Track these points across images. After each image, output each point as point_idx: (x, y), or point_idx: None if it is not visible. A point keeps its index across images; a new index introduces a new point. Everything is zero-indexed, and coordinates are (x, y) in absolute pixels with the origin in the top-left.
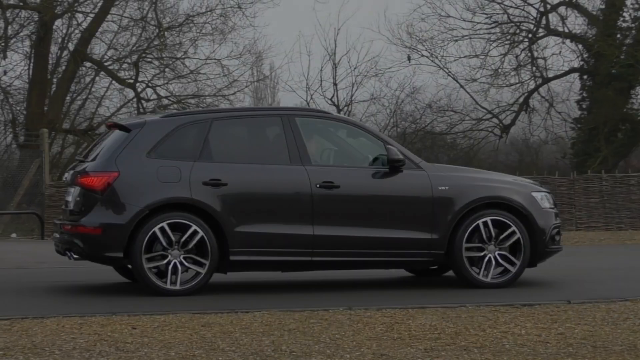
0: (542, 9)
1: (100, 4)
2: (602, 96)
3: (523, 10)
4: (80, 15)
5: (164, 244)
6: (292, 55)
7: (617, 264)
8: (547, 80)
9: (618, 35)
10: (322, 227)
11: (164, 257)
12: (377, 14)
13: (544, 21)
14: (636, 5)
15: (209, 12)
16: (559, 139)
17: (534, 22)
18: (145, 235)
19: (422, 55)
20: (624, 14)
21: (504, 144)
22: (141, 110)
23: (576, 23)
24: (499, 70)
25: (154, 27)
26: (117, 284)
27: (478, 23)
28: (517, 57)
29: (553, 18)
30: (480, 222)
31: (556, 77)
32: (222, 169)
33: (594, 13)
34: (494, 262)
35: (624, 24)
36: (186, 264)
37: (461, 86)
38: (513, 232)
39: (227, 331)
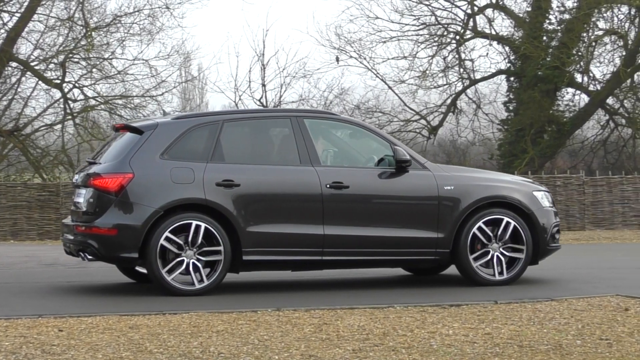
0: (469, 11)
1: (26, 4)
2: (528, 98)
3: (450, 12)
4: (6, 14)
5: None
6: (220, 56)
7: (542, 264)
8: (474, 82)
9: (544, 38)
10: (332, 227)
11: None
12: (305, 15)
13: (471, 23)
14: (562, 8)
15: (137, 13)
16: (486, 140)
17: (461, 24)
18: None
19: (351, 57)
20: (550, 16)
21: (432, 145)
22: (68, 111)
23: (503, 25)
24: (427, 72)
25: (81, 27)
26: (44, 286)
27: (406, 25)
28: (444, 58)
29: (480, 20)
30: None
31: (483, 78)
32: (234, 170)
33: (521, 15)
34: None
35: (550, 26)
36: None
37: (389, 87)
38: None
39: (155, 333)
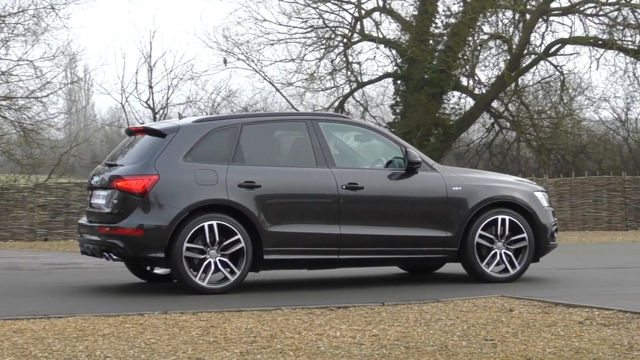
0: (356, 15)
1: None
2: (415, 101)
3: (338, 15)
4: None
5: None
6: (106, 58)
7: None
8: (361, 85)
9: (430, 41)
10: (348, 227)
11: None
12: (193, 17)
13: (358, 26)
14: (448, 12)
15: (21, 13)
16: None
17: (349, 27)
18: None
19: (239, 59)
20: (436, 20)
21: None
22: None
23: (390, 29)
24: (315, 75)
25: None
26: None
27: (294, 27)
28: (332, 61)
29: (367, 23)
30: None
31: (370, 81)
32: (255, 172)
33: (407, 19)
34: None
35: (436, 30)
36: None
37: (277, 90)
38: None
39: (40, 337)
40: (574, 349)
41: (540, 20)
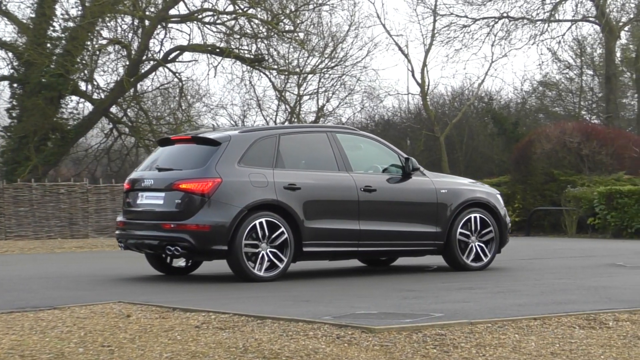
0: None
1: None
2: (32, 105)
3: None
4: None
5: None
6: None
7: (46, 272)
8: None
9: (48, 45)
10: (365, 223)
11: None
12: None
13: None
14: (66, 16)
15: None
16: None
17: None
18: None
19: None
20: (55, 23)
21: None
22: None
23: (6, 30)
24: None
25: None
26: None
27: None
28: None
29: None
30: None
31: None
32: (294, 176)
33: (25, 21)
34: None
35: (55, 34)
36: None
37: None
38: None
39: None
40: (191, 352)
41: (159, 26)
